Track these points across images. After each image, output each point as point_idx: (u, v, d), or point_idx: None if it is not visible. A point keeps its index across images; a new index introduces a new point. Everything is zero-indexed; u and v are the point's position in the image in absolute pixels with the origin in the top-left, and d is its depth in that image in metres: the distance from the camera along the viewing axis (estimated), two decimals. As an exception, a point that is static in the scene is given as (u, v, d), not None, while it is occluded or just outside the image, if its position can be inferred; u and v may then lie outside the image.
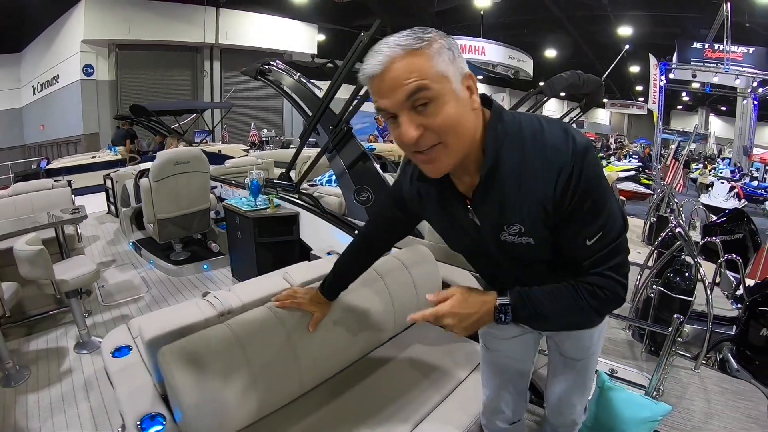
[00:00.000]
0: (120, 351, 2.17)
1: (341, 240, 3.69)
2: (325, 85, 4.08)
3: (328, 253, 3.36)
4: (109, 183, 7.58)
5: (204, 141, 13.04)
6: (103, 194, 8.13)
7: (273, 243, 4.08)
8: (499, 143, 1.11)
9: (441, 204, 1.32)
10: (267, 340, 1.85)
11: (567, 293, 1.18)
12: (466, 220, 1.26)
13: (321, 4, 17.42)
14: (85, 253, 4.67)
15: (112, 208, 7.71)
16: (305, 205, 4.15)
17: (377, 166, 3.91)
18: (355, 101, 3.82)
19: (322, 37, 21.30)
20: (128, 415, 1.78)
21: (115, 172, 7.52)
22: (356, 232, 1.88)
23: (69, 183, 6.25)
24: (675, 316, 2.44)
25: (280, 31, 19.50)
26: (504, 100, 26.11)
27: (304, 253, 4.02)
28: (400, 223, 1.63)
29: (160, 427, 1.72)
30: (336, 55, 18.58)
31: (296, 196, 4.28)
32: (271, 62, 4.70)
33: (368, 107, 4.57)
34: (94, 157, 11.40)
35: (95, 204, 7.43)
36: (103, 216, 7.73)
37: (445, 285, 2.71)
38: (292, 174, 4.62)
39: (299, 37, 20.30)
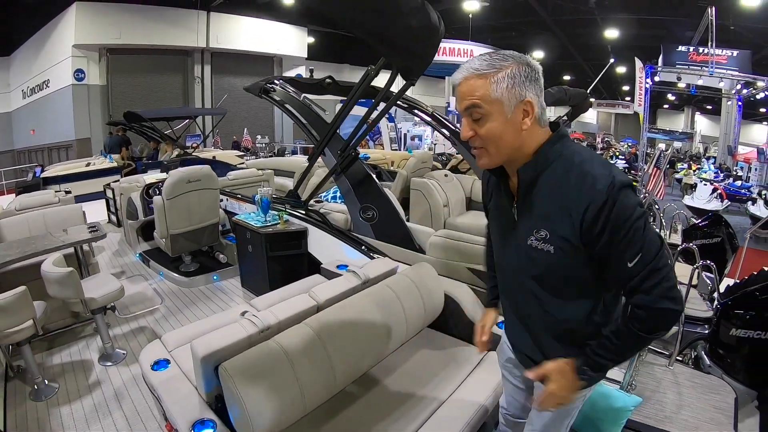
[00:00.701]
0: (159, 364, 2.44)
1: (348, 254, 3.93)
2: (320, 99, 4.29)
3: (338, 266, 3.60)
4: (110, 193, 7.67)
5: (195, 145, 13.07)
6: (102, 202, 8.20)
7: (283, 257, 4.26)
8: (548, 160, 1.38)
9: (498, 193, 1.60)
10: (307, 352, 2.14)
11: (622, 330, 1.39)
12: (509, 214, 1.52)
13: (310, 7, 17.52)
14: (99, 268, 4.83)
15: (113, 217, 7.80)
16: (313, 221, 4.35)
17: (381, 186, 4.13)
18: (362, 131, 4.05)
19: (311, 40, 21.40)
20: (180, 421, 2.04)
21: (115, 181, 7.63)
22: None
23: (68, 192, 6.39)
24: None
25: (271, 35, 19.65)
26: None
27: (312, 265, 4.23)
28: None
29: (211, 431, 1.99)
30: (326, 57, 18.75)
31: (304, 213, 4.48)
32: (275, 81, 4.89)
33: (358, 111, 4.76)
34: (88, 164, 11.40)
35: (95, 213, 7.45)
36: (105, 226, 7.81)
37: (447, 297, 3.03)
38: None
39: (289, 41, 20.46)
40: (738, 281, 4.74)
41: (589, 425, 2.63)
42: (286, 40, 20.24)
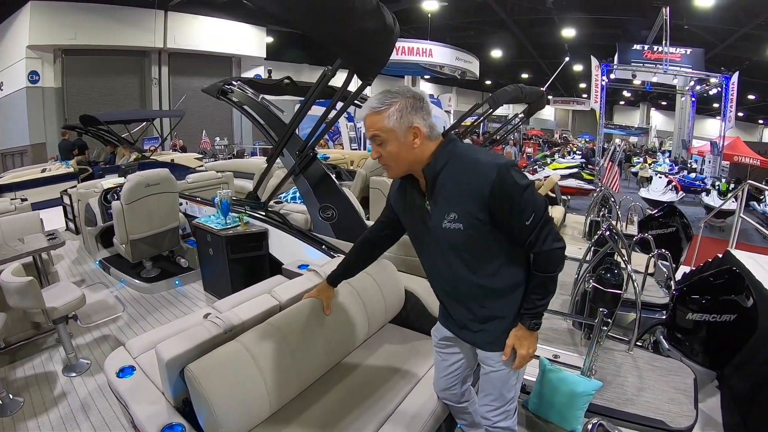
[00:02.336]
0: (124, 372, 2.44)
1: (309, 254, 3.99)
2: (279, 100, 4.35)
3: (300, 266, 3.67)
4: (67, 200, 7.50)
5: (153, 149, 12.85)
6: (59, 209, 8.01)
7: (245, 258, 4.29)
8: (443, 159, 1.75)
9: (411, 195, 1.91)
10: (271, 350, 2.23)
11: (537, 281, 1.83)
12: (423, 210, 1.85)
13: (269, 6, 17.39)
14: (59, 276, 4.76)
15: (71, 224, 7.63)
16: (273, 222, 4.39)
17: (339, 185, 4.21)
18: (320, 130, 4.11)
19: (270, 40, 21.23)
20: (149, 426, 2.06)
21: (72, 187, 7.47)
22: (366, 232, 2.38)
23: (24, 200, 6.25)
24: (600, 309, 2.96)
25: (229, 35, 19.35)
26: (451, 99, 26.66)
27: (273, 266, 4.28)
28: (394, 224, 2.14)
29: None
30: (284, 57, 18.59)
31: (264, 214, 4.51)
32: (233, 82, 4.89)
33: (317, 111, 4.82)
34: (44, 170, 11.11)
35: (53, 220, 7.28)
36: (63, 233, 7.64)
37: (407, 292, 3.20)
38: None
39: (248, 40, 20.22)
40: (693, 268, 4.97)
41: (552, 410, 2.80)
42: (244, 40, 19.99)
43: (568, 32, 19.42)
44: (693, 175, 17.17)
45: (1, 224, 4.92)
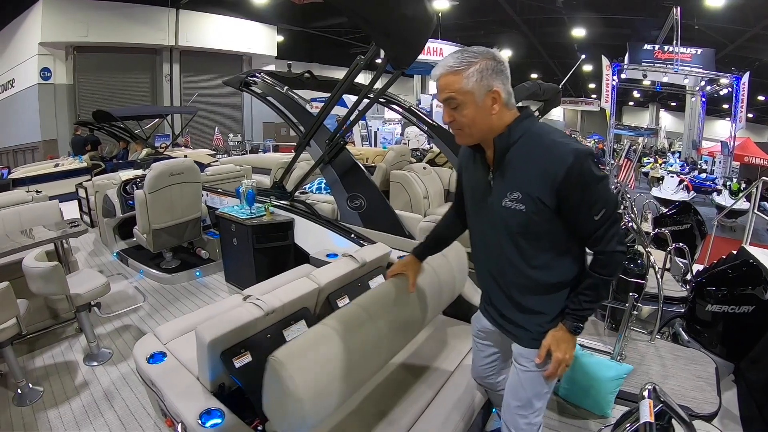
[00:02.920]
0: (154, 358, 2.40)
1: (338, 243, 3.95)
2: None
3: (328, 255, 3.64)
4: (82, 193, 7.49)
5: (164, 145, 12.83)
6: (72, 203, 7.97)
7: (270, 248, 4.26)
8: (519, 133, 1.62)
9: (474, 167, 1.82)
10: (357, 334, 1.95)
11: (591, 281, 1.69)
12: (485, 181, 1.75)
13: (280, 5, 17.42)
14: (78, 266, 4.73)
15: (86, 217, 7.62)
16: (300, 211, 4.35)
17: (368, 174, 4.16)
18: (350, 120, 4.08)
19: (281, 39, 21.26)
20: (186, 412, 2.00)
21: (87, 180, 7.45)
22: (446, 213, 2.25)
23: (38, 192, 6.22)
24: (630, 294, 3.06)
25: (240, 33, 19.43)
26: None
27: (298, 256, 4.24)
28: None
29: (218, 420, 1.96)
30: (295, 56, 18.58)
31: (289, 204, 4.48)
32: (256, 74, 4.88)
33: (334, 110, 4.80)
34: (57, 165, 11.12)
35: (67, 214, 7.26)
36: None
37: None
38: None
39: (259, 39, 20.26)
40: (707, 266, 4.94)
41: (584, 395, 2.80)
42: (255, 39, 20.03)
43: (578, 32, 19.32)
44: (704, 175, 17.13)
45: (20, 212, 4.84)
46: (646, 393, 1.74)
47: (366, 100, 4.13)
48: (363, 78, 4.43)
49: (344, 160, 4.13)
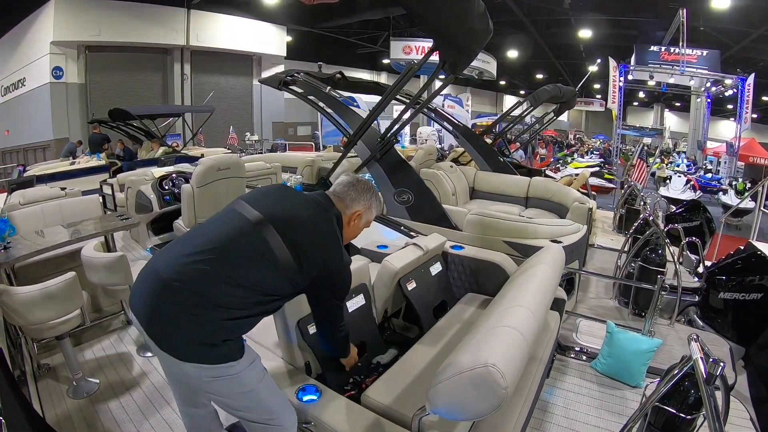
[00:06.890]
0: None
1: (387, 235, 4.07)
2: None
3: (378, 247, 3.79)
4: (107, 189, 7.57)
5: (176, 144, 12.90)
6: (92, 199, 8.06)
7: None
8: None
9: None
10: None
11: None
12: None
13: (290, 5, 17.49)
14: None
15: (109, 213, 7.68)
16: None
17: (415, 170, 4.30)
18: (403, 119, 4.21)
19: (289, 39, 21.32)
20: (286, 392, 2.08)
21: (113, 176, 7.53)
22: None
23: (63, 189, 6.29)
24: (659, 275, 3.46)
25: (250, 33, 19.47)
26: (469, 99, 26.70)
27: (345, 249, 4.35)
28: None
29: (315, 396, 2.07)
30: (302, 56, 18.53)
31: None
32: (296, 73, 5.00)
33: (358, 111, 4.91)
34: (72, 163, 11.20)
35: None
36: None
37: (494, 265, 3.35)
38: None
39: (269, 39, 20.30)
40: (716, 262, 5.18)
41: (619, 368, 3.16)
42: (265, 39, 20.06)
43: (585, 33, 19.42)
44: (709, 175, 17.31)
45: (61, 207, 4.95)
46: (693, 338, 2.05)
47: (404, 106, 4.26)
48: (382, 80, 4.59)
49: (393, 157, 4.27)
